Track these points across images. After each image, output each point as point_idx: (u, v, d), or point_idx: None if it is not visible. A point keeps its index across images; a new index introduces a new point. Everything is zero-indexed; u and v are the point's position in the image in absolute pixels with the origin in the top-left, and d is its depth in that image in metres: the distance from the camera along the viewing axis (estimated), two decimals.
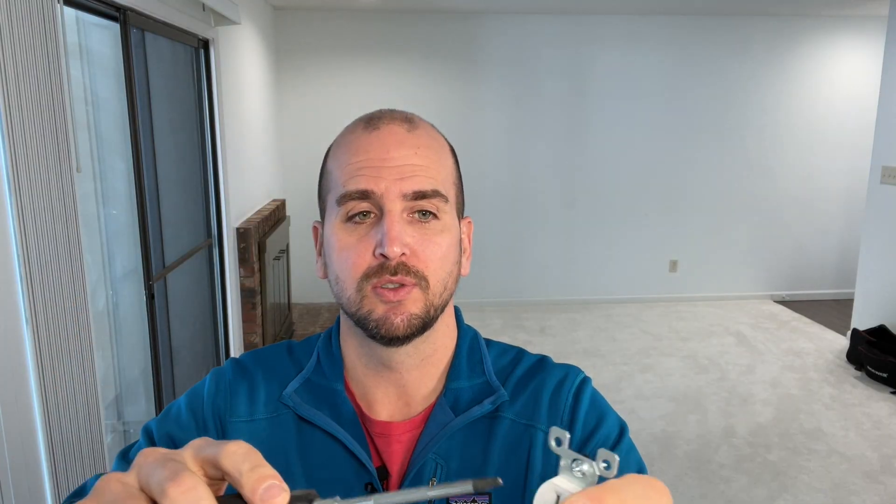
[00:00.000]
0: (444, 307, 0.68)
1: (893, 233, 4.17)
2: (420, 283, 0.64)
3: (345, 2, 4.76)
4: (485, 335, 0.78)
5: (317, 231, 0.73)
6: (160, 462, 0.33)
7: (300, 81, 5.10)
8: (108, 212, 2.51)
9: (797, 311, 5.35)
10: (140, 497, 0.33)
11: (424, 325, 0.65)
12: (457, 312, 0.76)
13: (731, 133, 5.45)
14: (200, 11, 2.97)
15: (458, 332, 0.75)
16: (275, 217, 4.25)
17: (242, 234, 3.53)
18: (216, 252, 3.40)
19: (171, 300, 2.79)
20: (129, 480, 0.34)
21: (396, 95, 5.10)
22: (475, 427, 0.69)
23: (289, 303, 4.60)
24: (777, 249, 5.71)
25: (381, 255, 0.62)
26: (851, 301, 4.59)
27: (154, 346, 2.52)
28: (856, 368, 4.09)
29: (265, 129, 4.61)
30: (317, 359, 0.74)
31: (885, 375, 3.82)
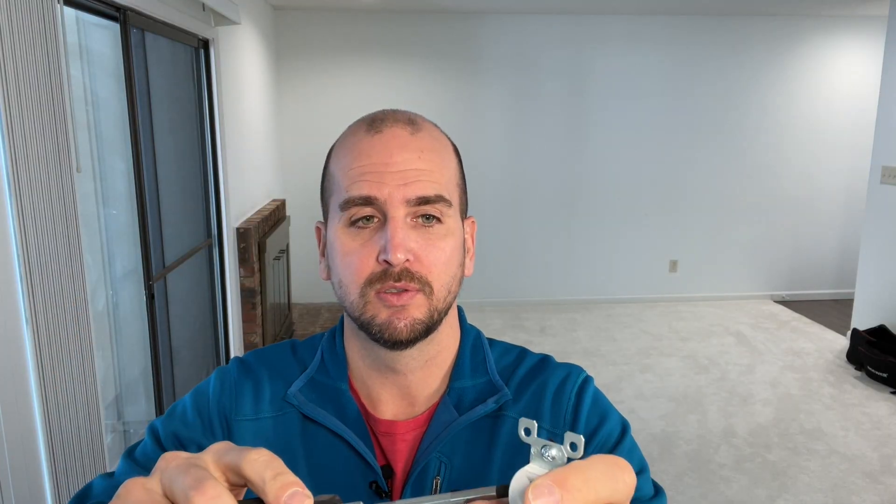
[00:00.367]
0: (448, 310, 0.68)
1: (893, 233, 4.17)
2: (424, 289, 0.64)
3: (345, 2, 4.76)
4: (485, 335, 0.78)
5: (320, 232, 0.72)
6: (183, 468, 0.33)
7: (300, 81, 5.10)
8: (108, 212, 2.51)
9: (797, 311, 5.35)
10: None
11: (428, 330, 0.65)
12: (460, 312, 0.76)
13: (731, 133, 5.45)
14: (200, 11, 2.97)
15: (462, 332, 0.75)
16: (275, 217, 4.25)
17: (242, 234, 3.53)
18: (216, 252, 3.40)
19: (171, 300, 2.79)
20: (153, 486, 0.34)
21: (396, 95, 5.10)
22: (479, 426, 0.69)
23: (289, 303, 4.60)
24: (777, 249, 5.71)
25: (385, 262, 0.62)
26: (851, 301, 4.59)
27: (154, 346, 2.52)
28: (856, 368, 4.09)
29: (265, 129, 4.60)
30: (321, 358, 0.74)
31: (885, 375, 3.82)
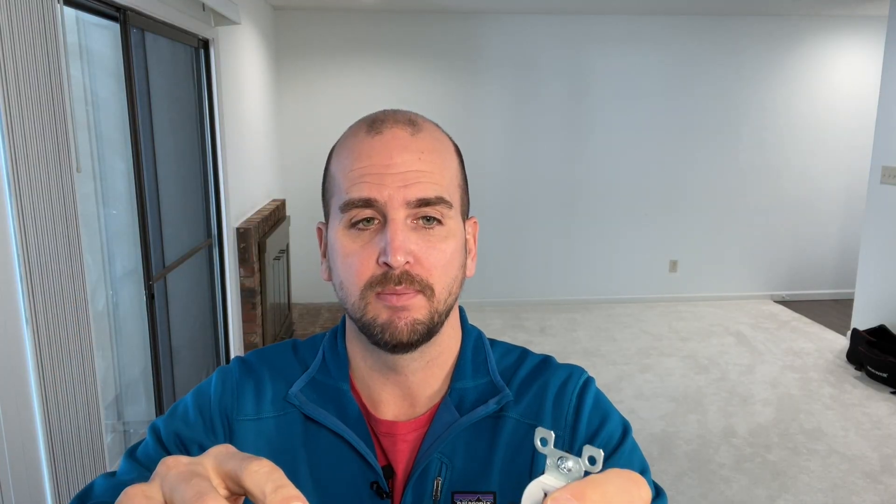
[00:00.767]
0: (449, 311, 0.68)
1: (893, 233, 4.17)
2: (425, 292, 0.64)
3: (345, 2, 4.76)
4: (486, 335, 0.78)
5: (321, 233, 0.72)
6: (185, 477, 0.34)
7: (300, 81, 5.10)
8: (108, 212, 2.51)
9: (797, 311, 5.35)
10: None
11: (429, 332, 0.65)
12: (461, 313, 0.76)
13: (731, 133, 5.45)
14: (200, 11, 2.97)
15: (463, 333, 0.75)
16: (275, 217, 4.25)
17: (242, 234, 3.53)
18: (216, 252, 3.40)
19: (171, 300, 2.79)
20: (153, 493, 0.34)
21: (396, 95, 5.10)
22: (480, 427, 0.69)
23: (289, 303, 4.60)
24: (777, 249, 5.71)
25: (385, 264, 0.62)
26: (851, 301, 4.59)
27: (154, 346, 2.52)
28: (856, 368, 4.09)
29: (265, 129, 4.60)
30: (322, 358, 0.74)
31: (885, 375, 3.82)
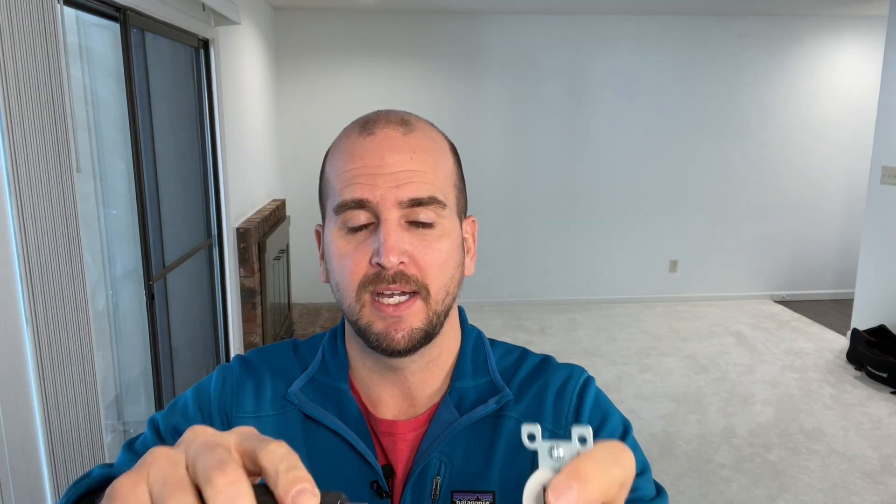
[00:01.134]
0: (448, 312, 0.67)
1: (893, 233, 4.17)
2: (421, 292, 0.63)
3: (345, 2, 4.76)
4: (486, 335, 0.78)
5: (319, 235, 0.72)
6: (209, 447, 0.33)
7: (300, 81, 5.10)
8: (108, 212, 2.51)
9: (797, 311, 5.35)
10: (187, 486, 0.32)
11: (428, 336, 0.65)
12: (461, 313, 0.76)
13: (731, 133, 5.45)
14: (200, 11, 2.96)
15: (463, 333, 0.75)
16: (275, 217, 4.25)
17: (242, 234, 3.53)
18: (216, 252, 3.40)
19: (171, 300, 2.79)
20: (178, 458, 0.33)
21: (396, 95, 5.10)
22: (480, 426, 0.69)
23: (289, 303, 4.60)
24: (777, 249, 5.70)
25: (378, 265, 0.62)
26: (851, 301, 4.59)
27: (154, 346, 2.52)
28: (856, 368, 4.09)
29: (265, 129, 4.60)
30: (322, 357, 0.74)
31: (885, 375, 3.82)
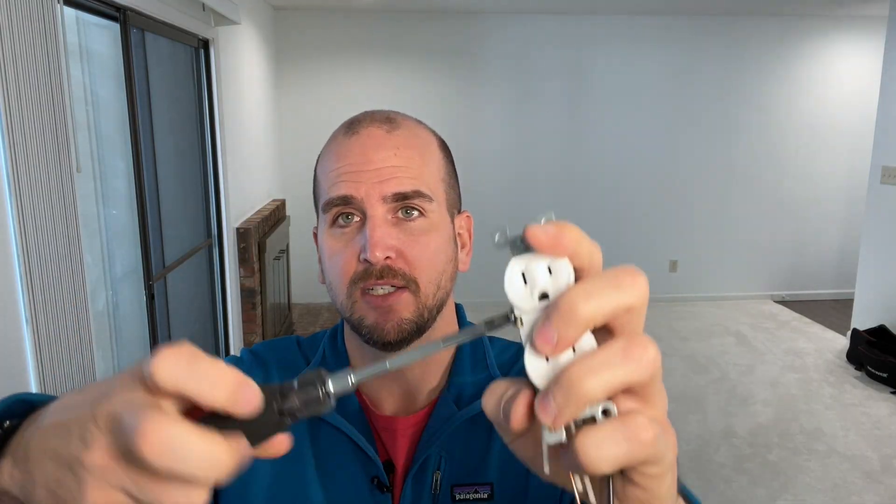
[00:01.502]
0: (441, 307, 0.68)
1: (893, 233, 4.17)
2: (409, 286, 0.64)
3: (345, 2, 4.76)
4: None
5: (316, 237, 0.74)
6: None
7: (300, 81, 5.10)
8: (108, 212, 2.51)
9: (797, 311, 5.35)
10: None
11: (419, 329, 0.65)
12: (459, 310, 0.77)
13: (731, 133, 5.45)
14: (200, 11, 2.97)
15: (461, 329, 0.75)
16: (275, 217, 4.25)
17: (242, 234, 3.53)
18: (216, 252, 3.40)
19: (171, 300, 2.79)
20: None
21: (396, 95, 5.10)
22: (478, 420, 0.69)
23: (289, 303, 4.60)
24: (777, 249, 5.70)
25: (366, 261, 0.63)
26: (851, 301, 4.59)
27: (154, 346, 2.52)
28: (856, 368, 4.09)
29: (265, 129, 4.60)
30: (322, 355, 0.75)
31: (885, 375, 3.82)
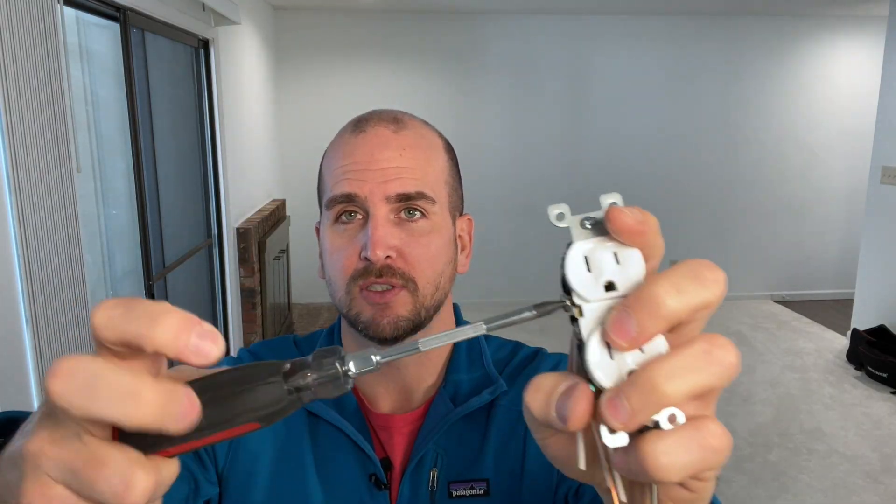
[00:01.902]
0: (439, 307, 0.69)
1: (893, 233, 4.17)
2: (408, 286, 0.65)
3: (345, 2, 4.76)
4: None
5: (318, 232, 0.74)
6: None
7: (300, 81, 5.10)
8: (108, 212, 2.51)
9: (797, 311, 5.35)
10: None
11: (415, 327, 0.66)
12: (456, 310, 0.77)
13: (731, 133, 5.45)
14: (200, 11, 2.97)
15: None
16: (275, 217, 4.25)
17: (242, 234, 3.53)
18: (216, 252, 3.40)
19: (171, 300, 2.77)
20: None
21: (396, 95, 5.09)
22: (474, 417, 0.70)
23: (289, 303, 4.60)
24: (777, 249, 5.70)
25: (366, 259, 0.63)
26: (851, 301, 4.59)
27: None
28: (856, 368, 4.09)
29: (265, 129, 4.60)
30: None
31: (885, 375, 3.82)
